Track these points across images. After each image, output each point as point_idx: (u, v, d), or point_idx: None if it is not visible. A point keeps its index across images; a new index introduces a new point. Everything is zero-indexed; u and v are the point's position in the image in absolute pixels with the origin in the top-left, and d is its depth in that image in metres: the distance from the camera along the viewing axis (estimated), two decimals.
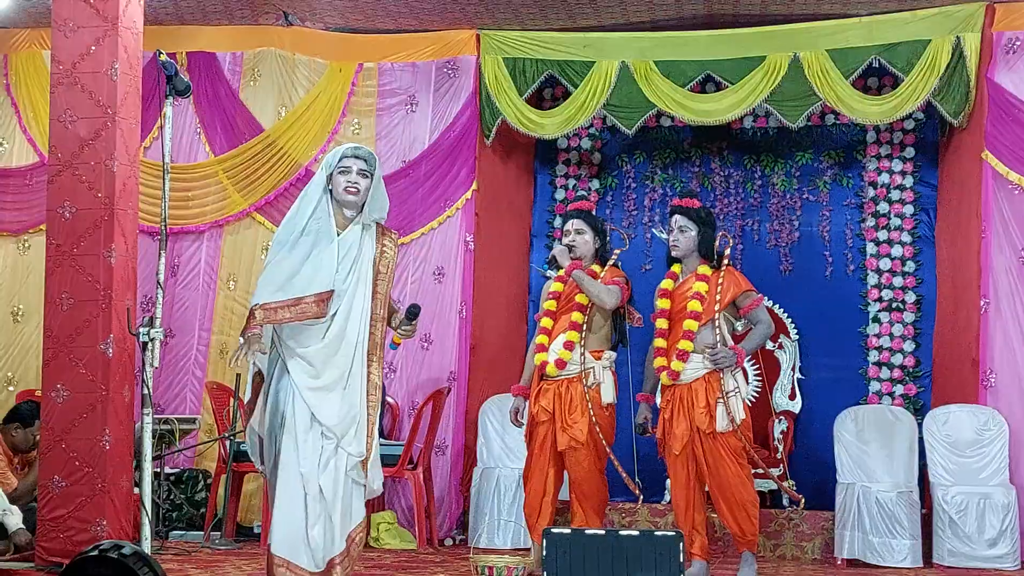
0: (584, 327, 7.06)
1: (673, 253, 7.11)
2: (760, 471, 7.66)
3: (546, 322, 7.20)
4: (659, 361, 7.06)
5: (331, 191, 5.57)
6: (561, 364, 7.04)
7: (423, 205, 9.16)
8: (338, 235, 5.52)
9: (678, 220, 7.06)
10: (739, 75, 8.77)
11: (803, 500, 7.45)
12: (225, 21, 9.30)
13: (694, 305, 6.93)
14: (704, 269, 7.01)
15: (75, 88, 6.80)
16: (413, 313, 5.72)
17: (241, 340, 5.45)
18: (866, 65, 8.61)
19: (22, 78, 9.51)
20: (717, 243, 7.03)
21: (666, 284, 7.15)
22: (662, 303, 7.11)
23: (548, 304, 7.23)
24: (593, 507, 7.08)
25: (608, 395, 7.08)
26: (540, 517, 7.10)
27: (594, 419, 6.97)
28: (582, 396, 6.98)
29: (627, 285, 7.16)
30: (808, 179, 9.44)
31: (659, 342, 7.10)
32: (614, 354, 7.22)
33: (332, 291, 5.45)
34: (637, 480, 7.25)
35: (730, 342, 6.94)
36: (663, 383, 7.05)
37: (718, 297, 6.91)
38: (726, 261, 7.04)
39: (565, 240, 7.22)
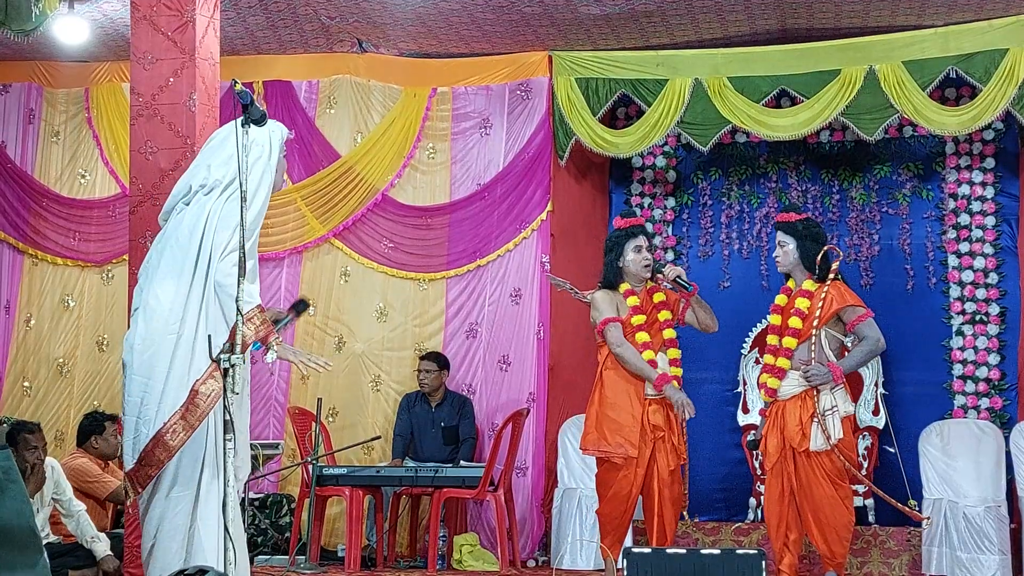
0: None
1: (778, 269, 7.11)
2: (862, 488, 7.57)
3: (643, 337, 7.08)
4: (763, 377, 7.03)
5: None
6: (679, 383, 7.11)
7: (499, 227, 9.20)
8: None
9: (777, 236, 7.04)
10: (814, 89, 8.71)
11: (929, 519, 7.30)
12: (300, 50, 9.41)
13: (794, 322, 6.88)
14: (808, 284, 6.91)
15: (155, 120, 6.91)
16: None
17: (275, 347, 4.82)
18: (943, 76, 8.50)
19: (103, 111, 9.67)
20: (820, 256, 6.90)
21: (779, 300, 7.07)
22: (773, 319, 7.06)
23: (637, 319, 7.15)
24: (678, 513, 7.11)
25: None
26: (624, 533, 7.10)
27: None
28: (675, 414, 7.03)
29: None
30: (887, 192, 9.34)
31: (767, 358, 7.05)
32: None
33: None
34: None
35: (831, 359, 6.84)
36: (763, 399, 7.05)
37: (818, 313, 6.82)
38: (831, 275, 6.90)
39: (641, 256, 7.12)
